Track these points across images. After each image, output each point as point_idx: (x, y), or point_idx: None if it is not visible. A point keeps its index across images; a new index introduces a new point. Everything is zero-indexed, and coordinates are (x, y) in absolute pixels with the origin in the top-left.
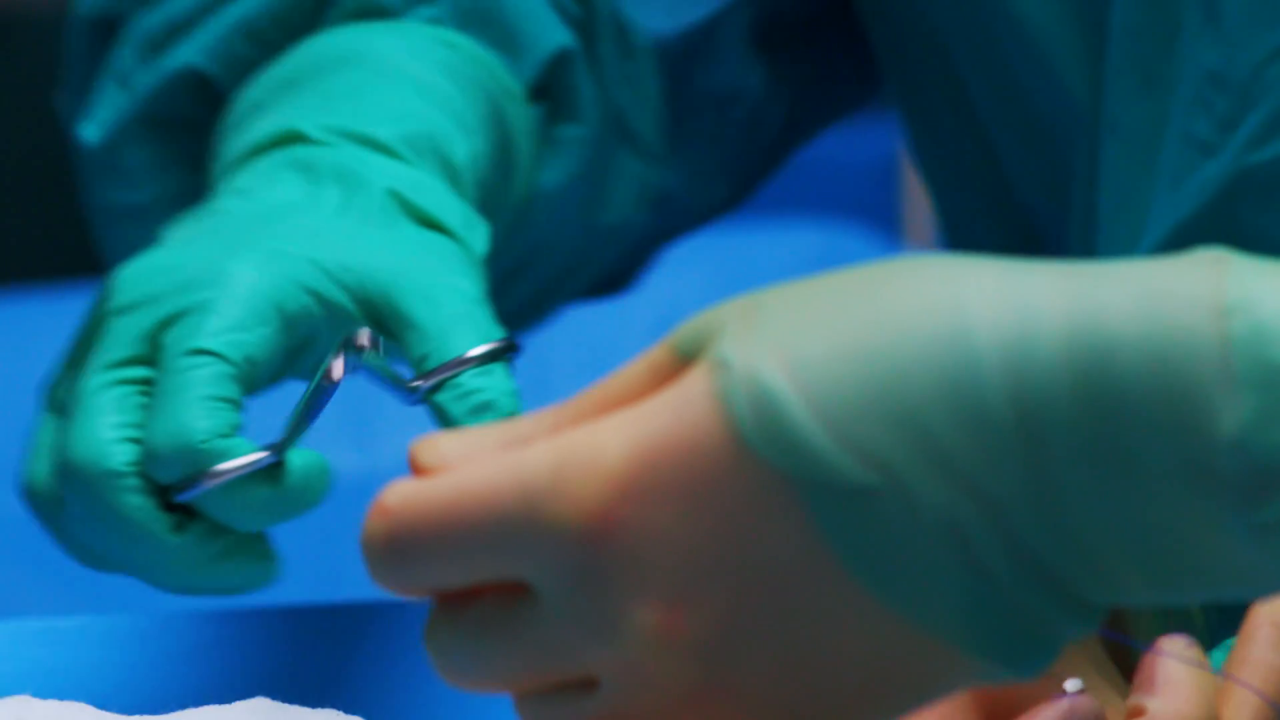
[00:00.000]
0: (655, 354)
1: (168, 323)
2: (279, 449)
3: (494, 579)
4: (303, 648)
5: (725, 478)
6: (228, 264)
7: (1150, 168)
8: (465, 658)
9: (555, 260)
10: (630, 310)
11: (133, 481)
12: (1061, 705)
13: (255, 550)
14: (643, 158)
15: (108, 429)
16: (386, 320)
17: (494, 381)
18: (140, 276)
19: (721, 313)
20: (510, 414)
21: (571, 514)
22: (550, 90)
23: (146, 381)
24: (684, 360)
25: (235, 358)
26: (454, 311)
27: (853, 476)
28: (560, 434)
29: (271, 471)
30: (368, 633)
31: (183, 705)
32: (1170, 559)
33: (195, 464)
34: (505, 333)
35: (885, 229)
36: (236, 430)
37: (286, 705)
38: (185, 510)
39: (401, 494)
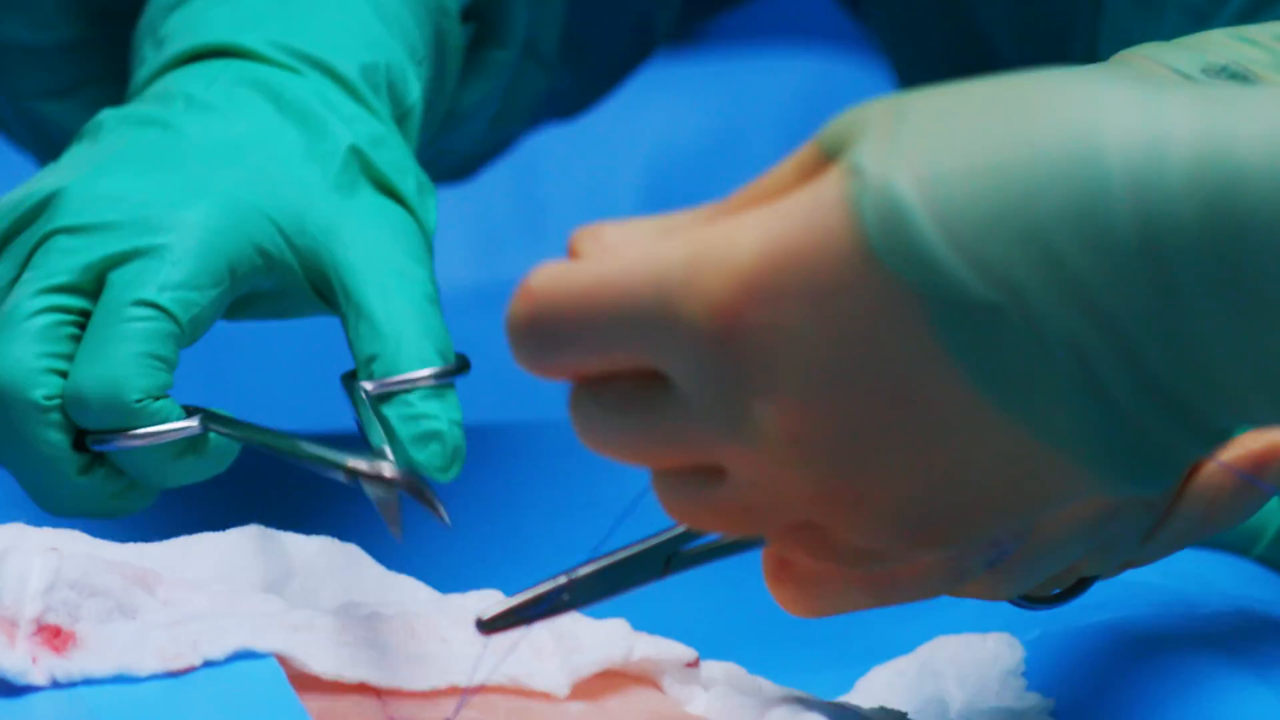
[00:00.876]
0: (804, 150)
1: (117, 261)
2: (206, 419)
3: (630, 367)
4: (297, 476)
5: (852, 285)
6: (186, 209)
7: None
8: (605, 430)
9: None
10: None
11: (54, 417)
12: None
13: (146, 490)
14: (545, 69)
15: (35, 356)
16: (331, 295)
17: (444, 410)
18: (92, 199)
19: (866, 112)
20: (455, 447)
21: (702, 309)
22: (483, 13)
23: (82, 314)
24: (827, 157)
25: (182, 319)
26: (408, 310)
27: (976, 293)
28: (706, 226)
29: (193, 440)
30: None
31: (177, 534)
32: None
33: (124, 421)
34: (454, 354)
35: (880, 55)
36: (167, 391)
37: (280, 532)
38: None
39: (546, 277)
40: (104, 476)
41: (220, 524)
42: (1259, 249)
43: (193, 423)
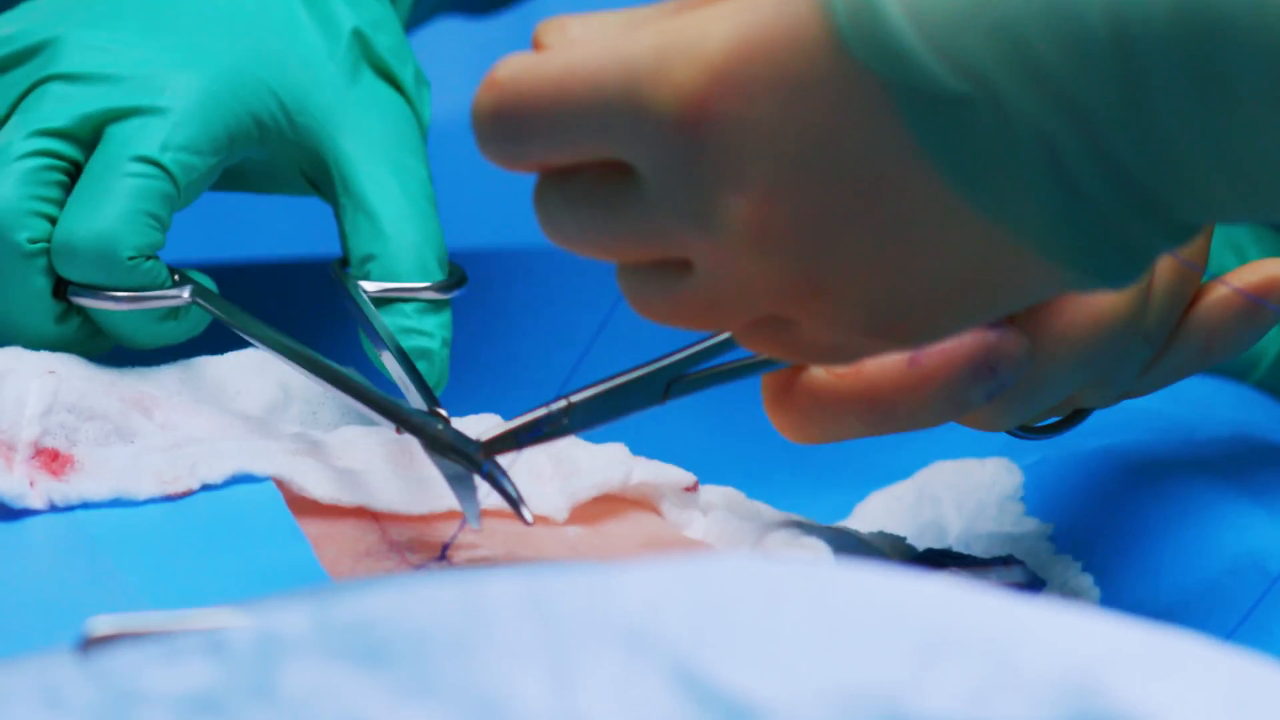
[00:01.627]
0: None
1: (117, 115)
2: (196, 293)
3: (596, 159)
4: (297, 303)
5: (823, 77)
6: (189, 72)
7: None
8: (570, 223)
9: None
10: None
11: (38, 262)
12: (988, 336)
13: (114, 340)
14: None
15: (22, 198)
16: (324, 182)
17: (438, 328)
18: (93, 50)
19: None
20: (442, 368)
21: (670, 99)
22: None
23: (73, 164)
24: None
25: (181, 181)
26: (408, 211)
27: (946, 84)
28: (674, 18)
29: (175, 309)
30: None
31: (175, 357)
32: (1262, 179)
33: (112, 277)
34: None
35: None
36: (157, 253)
37: (279, 356)
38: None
39: (511, 68)
40: (78, 326)
41: (218, 348)
42: (1228, 41)
43: (183, 294)
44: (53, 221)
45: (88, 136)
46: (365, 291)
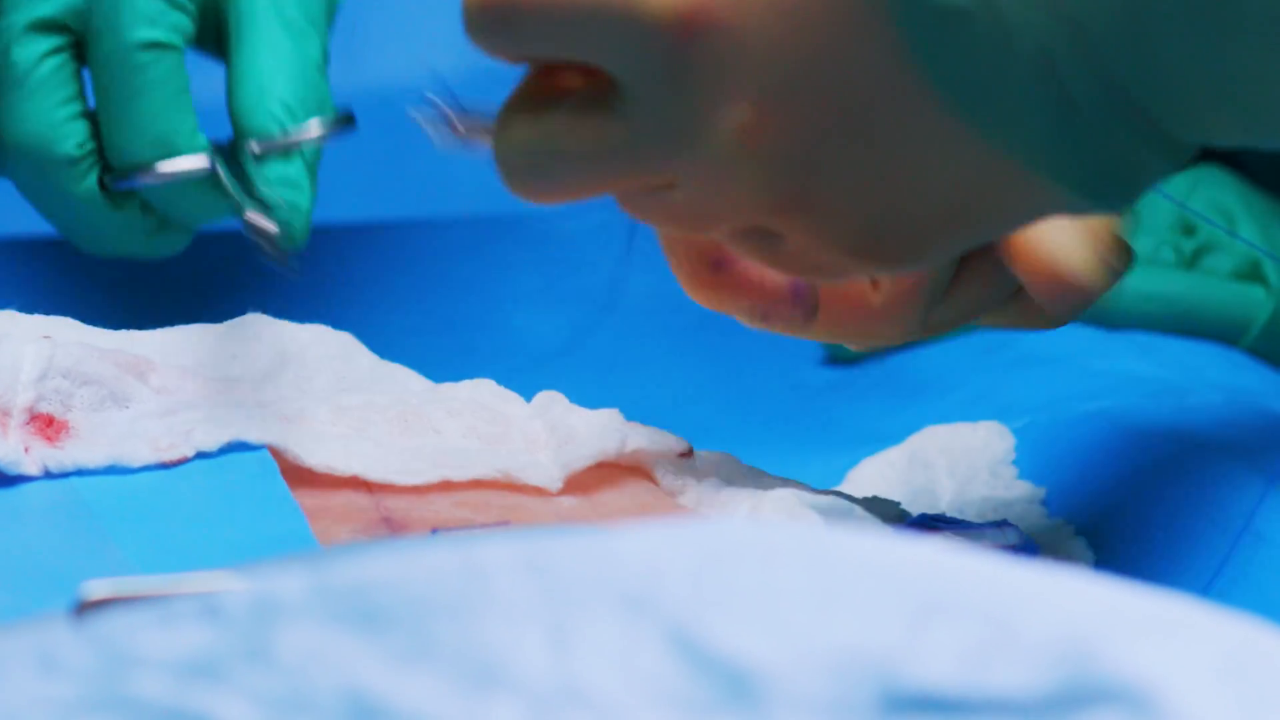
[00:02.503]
0: None
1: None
2: (211, 154)
3: (582, 61)
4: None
5: None
6: None
7: None
8: (542, 156)
9: None
10: None
11: (85, 165)
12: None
13: (179, 229)
14: None
15: (55, 107)
16: (221, 37)
17: (302, 181)
18: None
19: None
20: (303, 224)
21: (664, 6)
22: None
23: (76, 45)
24: None
25: (180, 44)
26: (291, 71)
27: None
28: None
29: (213, 177)
30: (356, 254)
31: (171, 323)
32: (1259, 104)
33: (167, 155)
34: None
35: None
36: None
37: (275, 320)
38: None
39: None
40: (135, 211)
41: (216, 315)
42: None
43: (202, 160)
44: (87, 116)
45: (78, 19)
46: (252, 152)
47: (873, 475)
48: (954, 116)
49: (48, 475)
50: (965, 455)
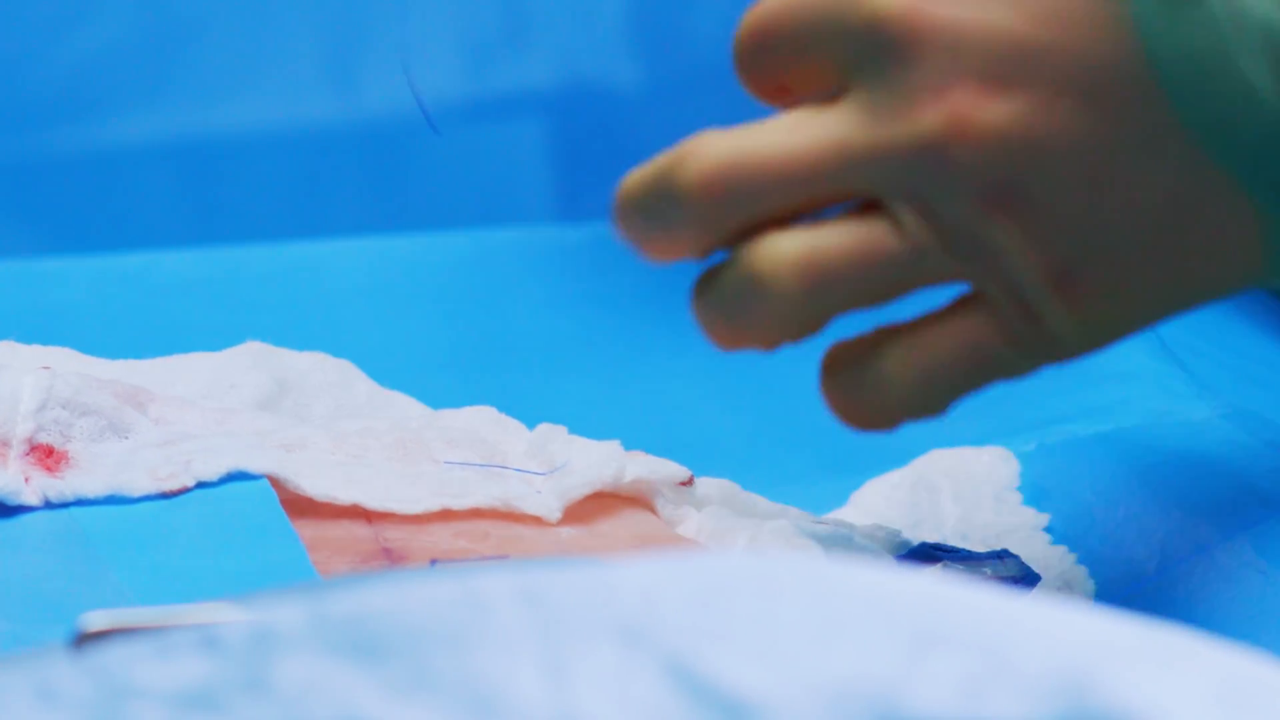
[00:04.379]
0: None
1: None
2: None
3: (817, 67)
4: (289, 288)
5: None
6: None
7: None
8: (828, 282)
9: None
10: None
11: None
12: None
13: None
14: None
15: None
16: None
17: None
18: None
19: None
20: None
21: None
22: None
23: None
24: None
25: None
26: None
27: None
28: None
29: None
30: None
31: (170, 351)
32: None
33: None
34: None
35: None
36: None
37: (274, 347)
38: None
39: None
40: None
41: (214, 341)
42: None
43: None
44: None
45: None
46: None
47: (876, 498)
48: (1182, 123)
49: (48, 505)
50: (969, 480)
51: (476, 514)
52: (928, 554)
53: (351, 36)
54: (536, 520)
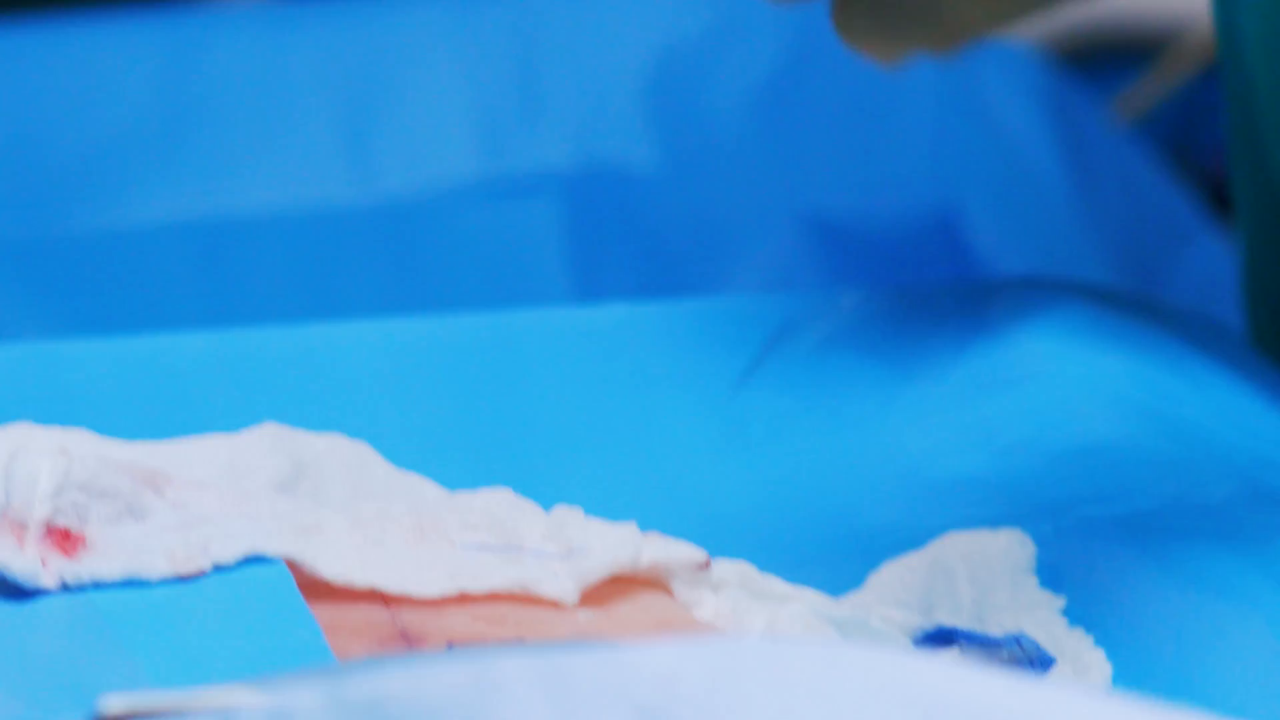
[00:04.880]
0: None
1: None
2: None
3: None
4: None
5: None
6: None
7: None
8: None
9: None
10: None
11: None
12: None
13: None
14: None
15: None
16: None
17: None
18: None
19: None
20: None
21: None
22: None
23: None
24: None
25: None
26: None
27: None
28: None
29: None
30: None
31: (187, 432)
32: None
33: None
34: None
35: None
36: None
37: (291, 429)
38: None
39: None
40: None
41: (231, 423)
42: None
43: None
44: None
45: None
46: None
47: (893, 580)
48: None
49: (65, 588)
50: (986, 563)
51: (494, 597)
52: (944, 637)
53: (367, 117)
54: (554, 604)
